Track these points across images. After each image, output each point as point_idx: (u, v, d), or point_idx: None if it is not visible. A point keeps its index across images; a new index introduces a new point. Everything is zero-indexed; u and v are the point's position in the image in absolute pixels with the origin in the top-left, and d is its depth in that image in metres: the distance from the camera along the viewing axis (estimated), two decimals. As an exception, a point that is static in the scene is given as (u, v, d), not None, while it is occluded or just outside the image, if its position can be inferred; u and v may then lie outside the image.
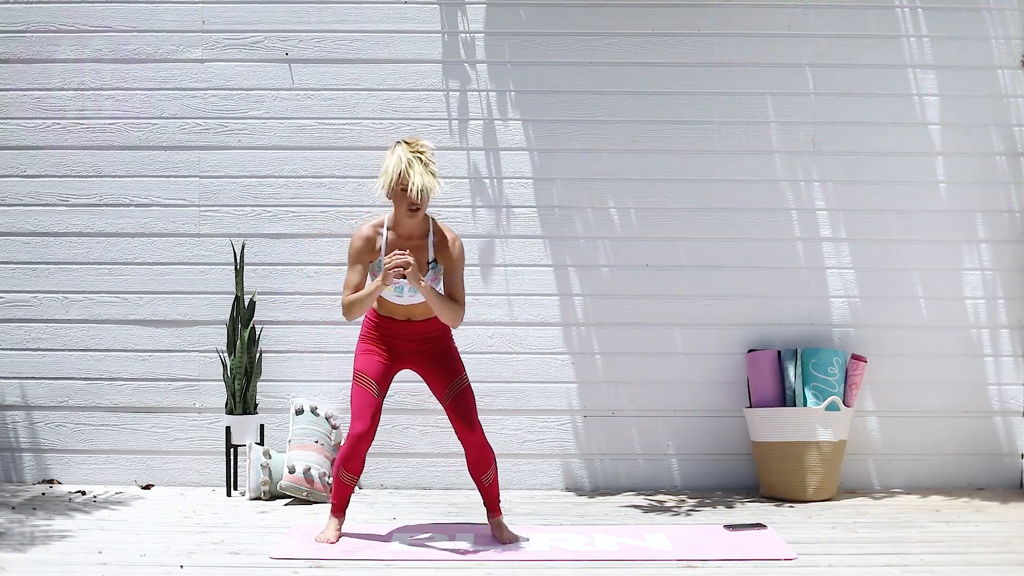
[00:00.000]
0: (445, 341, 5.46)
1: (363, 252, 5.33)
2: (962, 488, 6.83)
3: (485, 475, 5.42)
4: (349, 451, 5.33)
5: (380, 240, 5.33)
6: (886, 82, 6.93)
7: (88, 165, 6.93)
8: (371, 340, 5.42)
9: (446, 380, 5.39)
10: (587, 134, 6.91)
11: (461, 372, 5.43)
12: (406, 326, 5.38)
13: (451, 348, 5.47)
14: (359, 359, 5.39)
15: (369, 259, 5.34)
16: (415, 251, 5.29)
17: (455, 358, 5.45)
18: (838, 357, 6.58)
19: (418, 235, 5.34)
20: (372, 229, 5.35)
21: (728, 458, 6.87)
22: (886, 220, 6.91)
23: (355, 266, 5.32)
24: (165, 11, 6.94)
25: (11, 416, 6.90)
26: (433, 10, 6.94)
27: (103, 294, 6.91)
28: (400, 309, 5.34)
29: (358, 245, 5.33)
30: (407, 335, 5.39)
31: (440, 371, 5.41)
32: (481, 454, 5.39)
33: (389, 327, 5.39)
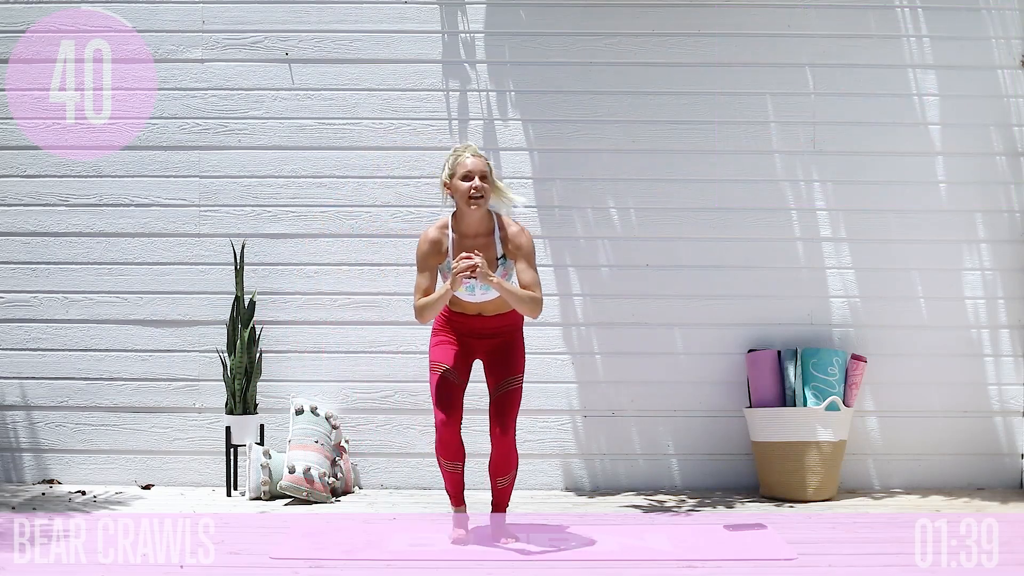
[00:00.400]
0: (514, 336, 5.42)
1: (430, 256, 5.31)
2: (962, 488, 6.83)
3: (503, 478, 5.41)
4: (440, 441, 5.31)
5: (446, 241, 5.30)
6: (886, 82, 6.92)
7: (88, 165, 6.93)
8: (443, 333, 5.39)
9: (501, 375, 5.36)
10: (587, 134, 6.90)
11: (517, 372, 5.37)
12: (477, 321, 5.35)
13: (518, 345, 5.42)
14: (434, 350, 5.37)
15: (436, 262, 5.31)
16: (482, 248, 5.26)
17: (518, 357, 5.40)
18: (838, 357, 6.58)
19: (484, 232, 5.29)
20: (437, 231, 5.33)
21: (728, 458, 6.87)
22: (886, 220, 6.91)
23: (424, 270, 5.30)
24: (165, 11, 6.94)
25: (11, 416, 6.90)
26: (433, 10, 6.94)
27: (103, 294, 6.91)
28: (472, 305, 5.32)
29: (424, 249, 5.31)
30: (478, 330, 5.36)
31: (499, 365, 5.37)
32: (506, 457, 5.36)
33: (461, 322, 5.36)
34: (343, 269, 6.90)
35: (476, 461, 6.89)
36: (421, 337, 6.85)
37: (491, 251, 5.29)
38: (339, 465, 6.61)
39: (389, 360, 6.88)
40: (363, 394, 6.88)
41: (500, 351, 5.39)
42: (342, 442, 6.71)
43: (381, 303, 6.88)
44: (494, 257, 5.29)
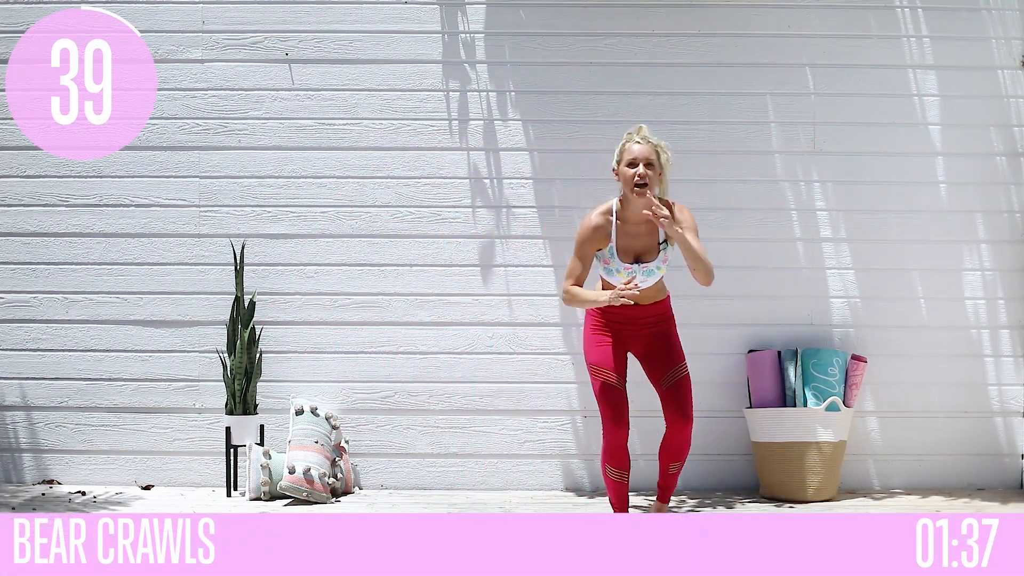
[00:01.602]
0: (668, 326, 5.43)
1: (590, 242, 5.30)
2: (962, 488, 6.83)
3: (675, 464, 5.50)
4: (609, 449, 5.34)
5: (610, 227, 5.29)
6: (886, 82, 6.93)
7: (88, 165, 6.93)
8: (598, 329, 5.39)
9: (665, 367, 5.37)
10: (587, 134, 6.90)
11: (681, 360, 5.40)
12: (633, 311, 5.35)
13: (673, 334, 5.44)
14: (592, 352, 5.37)
15: (596, 248, 5.30)
16: (645, 235, 5.27)
17: (676, 346, 5.42)
18: (838, 357, 6.58)
19: (647, 218, 5.28)
20: (601, 217, 5.32)
21: (728, 458, 6.87)
22: (886, 220, 6.91)
23: (580, 256, 5.29)
24: (165, 11, 6.94)
25: (11, 416, 6.90)
26: (433, 10, 6.94)
27: (103, 294, 6.91)
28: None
29: (586, 235, 5.30)
30: (633, 319, 5.36)
31: (660, 357, 5.39)
32: (683, 445, 5.44)
33: (615, 312, 5.35)
34: (343, 269, 6.90)
35: (486, 461, 6.89)
36: (421, 337, 6.86)
37: (654, 237, 5.29)
38: (339, 465, 6.61)
39: (389, 360, 6.88)
40: (363, 394, 6.88)
41: (657, 344, 5.40)
42: (342, 442, 6.71)
43: (381, 303, 6.88)
44: (656, 243, 5.28)
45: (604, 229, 5.28)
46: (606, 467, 5.40)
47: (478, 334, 6.87)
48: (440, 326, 6.88)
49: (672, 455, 5.47)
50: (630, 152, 5.28)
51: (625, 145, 5.33)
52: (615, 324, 5.38)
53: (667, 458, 5.49)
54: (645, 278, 5.27)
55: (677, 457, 5.48)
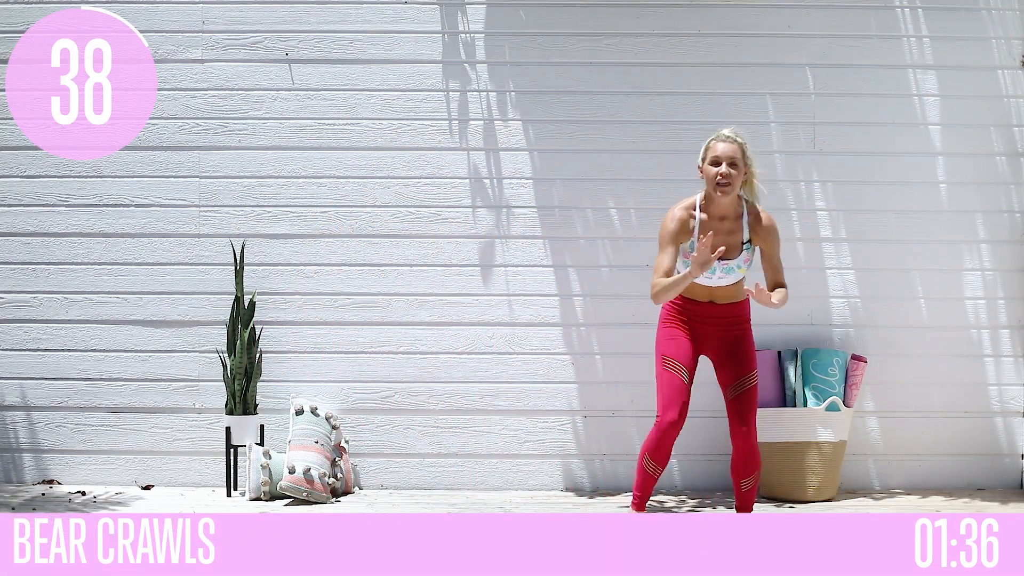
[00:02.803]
0: (744, 330, 5.42)
1: (677, 234, 5.30)
2: (962, 488, 6.83)
3: (746, 480, 5.40)
4: (657, 440, 5.28)
5: (693, 222, 5.30)
6: (886, 82, 6.92)
7: (88, 165, 6.93)
8: (674, 323, 5.37)
9: (736, 374, 5.35)
10: (587, 134, 6.90)
11: (752, 369, 5.36)
12: (708, 308, 5.34)
13: (748, 340, 5.41)
14: (664, 343, 5.35)
15: (681, 240, 5.30)
16: (728, 233, 5.28)
17: (750, 353, 5.39)
18: (838, 357, 6.58)
19: (732, 215, 5.30)
20: (685, 211, 5.32)
21: (728, 458, 6.84)
22: (886, 220, 6.91)
23: (667, 248, 5.29)
24: (165, 11, 6.94)
25: (11, 416, 6.90)
26: (433, 10, 6.94)
27: (103, 294, 6.91)
28: (703, 291, 5.32)
29: (672, 227, 5.29)
30: (709, 317, 5.35)
31: (733, 362, 5.37)
32: (749, 458, 5.36)
33: (692, 309, 5.34)
34: (343, 269, 6.90)
35: (486, 461, 6.89)
36: (421, 337, 6.86)
37: (737, 236, 5.30)
38: (339, 465, 6.61)
39: (389, 360, 6.88)
40: (363, 394, 6.88)
41: (732, 347, 5.38)
42: (342, 442, 6.71)
43: (381, 303, 6.88)
44: (739, 242, 5.29)
45: (687, 223, 5.30)
46: (645, 457, 5.33)
47: (478, 334, 6.87)
48: (440, 326, 6.88)
49: (739, 471, 5.38)
50: (714, 150, 5.29)
51: (711, 143, 5.33)
52: (692, 321, 5.37)
53: (736, 474, 5.40)
54: (725, 275, 5.28)
55: (746, 472, 5.38)
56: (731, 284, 5.33)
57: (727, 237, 5.30)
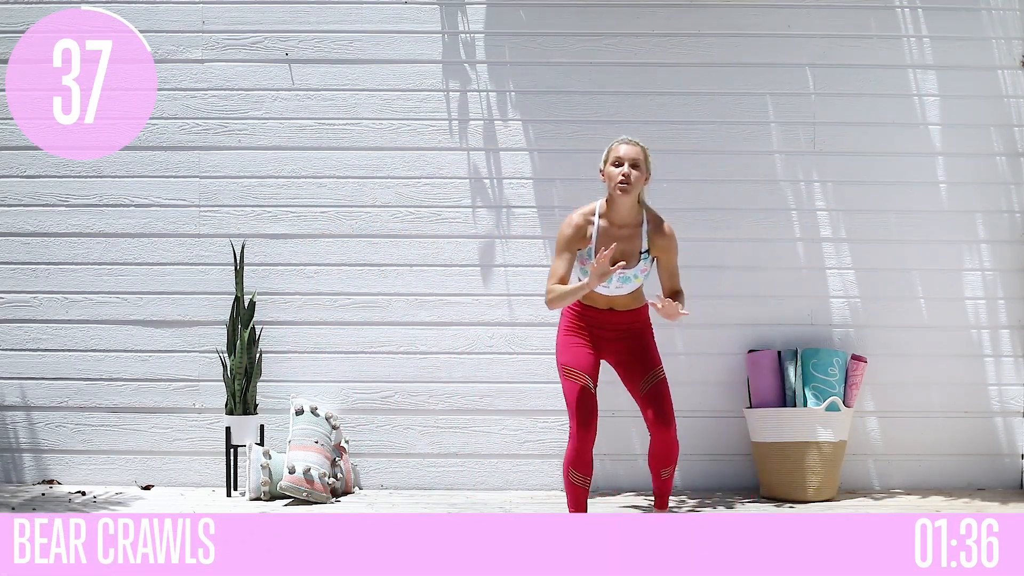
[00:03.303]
0: (644, 333, 5.41)
1: (573, 240, 5.29)
2: (962, 489, 6.83)
3: (667, 469, 5.44)
4: (576, 452, 5.29)
5: (591, 228, 5.29)
6: (886, 82, 6.93)
7: (88, 165, 6.93)
8: (574, 331, 5.36)
9: (642, 372, 5.35)
10: (587, 134, 6.90)
11: (657, 364, 5.38)
12: (608, 315, 5.34)
13: (649, 340, 5.42)
14: (565, 352, 5.34)
15: (579, 247, 5.29)
16: (627, 240, 5.27)
17: (653, 351, 5.40)
18: (838, 357, 6.58)
19: (631, 223, 5.29)
20: (583, 217, 5.31)
21: (728, 458, 6.87)
22: (886, 221, 6.91)
23: (563, 255, 5.28)
24: (165, 11, 6.94)
25: (11, 416, 6.90)
26: (433, 10, 6.94)
27: (103, 294, 6.91)
28: (603, 299, 5.31)
29: (568, 233, 5.29)
30: (608, 324, 5.34)
31: (638, 363, 5.37)
32: (668, 449, 5.40)
33: (591, 316, 5.34)
34: (343, 269, 6.90)
35: (486, 461, 6.90)
36: (421, 337, 6.87)
37: (636, 243, 5.28)
38: (339, 465, 6.61)
39: (389, 360, 6.88)
40: (363, 394, 6.88)
41: (634, 350, 5.38)
42: (342, 442, 6.71)
43: (381, 303, 6.88)
44: (638, 250, 5.28)
45: (584, 229, 5.29)
46: (569, 471, 5.33)
47: (478, 334, 6.87)
48: (440, 326, 6.88)
49: (661, 461, 5.44)
50: (616, 151, 5.30)
51: (612, 145, 5.35)
52: (591, 327, 5.35)
53: (657, 465, 5.46)
54: (622, 284, 5.26)
55: (667, 463, 5.45)
56: (629, 292, 5.30)
57: (626, 244, 5.27)
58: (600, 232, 5.25)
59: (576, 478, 5.33)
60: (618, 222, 5.28)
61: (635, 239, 5.27)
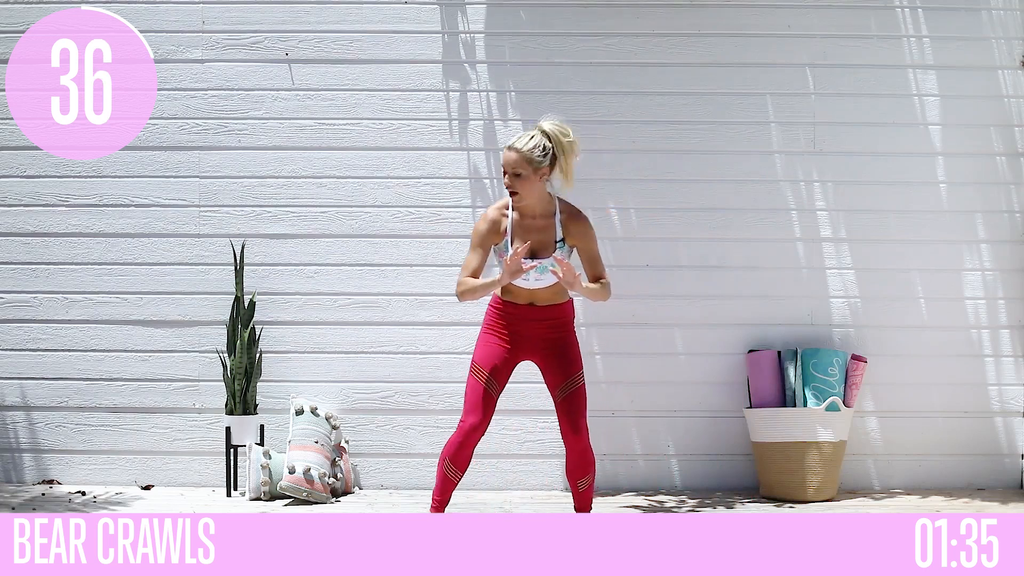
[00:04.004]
0: (567, 331, 5.38)
1: (488, 235, 5.26)
2: (962, 489, 6.83)
3: (582, 480, 5.34)
4: (459, 444, 5.22)
5: (505, 222, 5.28)
6: (886, 82, 6.93)
7: (88, 165, 6.93)
8: (493, 329, 5.32)
9: (562, 376, 5.31)
10: (587, 134, 6.88)
11: (578, 370, 5.32)
12: (529, 311, 5.30)
13: (572, 341, 5.36)
14: (478, 349, 5.31)
15: (493, 241, 5.28)
16: (542, 231, 5.24)
17: (575, 354, 5.34)
18: (838, 357, 6.58)
19: (544, 214, 5.26)
20: (497, 211, 5.29)
21: (728, 458, 6.87)
22: (886, 220, 6.91)
23: (476, 249, 5.25)
24: (165, 11, 6.94)
25: (11, 416, 6.90)
26: (433, 10, 6.94)
27: (103, 294, 6.91)
28: (523, 293, 5.28)
29: (483, 228, 5.27)
30: (529, 319, 5.30)
31: (558, 365, 5.32)
32: (582, 459, 5.31)
33: (513, 311, 5.30)
34: (343, 269, 6.90)
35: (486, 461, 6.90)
36: (421, 337, 6.86)
37: (550, 233, 5.26)
38: (339, 465, 6.61)
39: (389, 360, 6.88)
40: (363, 394, 6.88)
41: (556, 350, 5.33)
42: (342, 442, 6.71)
43: (381, 303, 6.88)
44: (552, 240, 5.26)
45: (500, 223, 5.27)
46: (445, 462, 5.26)
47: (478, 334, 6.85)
48: (440, 326, 6.88)
49: (576, 472, 5.32)
50: (502, 159, 5.26)
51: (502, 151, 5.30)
52: (512, 324, 5.32)
53: (573, 477, 5.33)
54: (540, 276, 5.24)
55: (583, 473, 5.34)
56: (550, 286, 5.28)
57: (540, 235, 5.25)
58: (514, 225, 5.25)
59: (451, 471, 5.27)
60: (529, 214, 5.27)
61: (549, 230, 5.26)
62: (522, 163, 5.18)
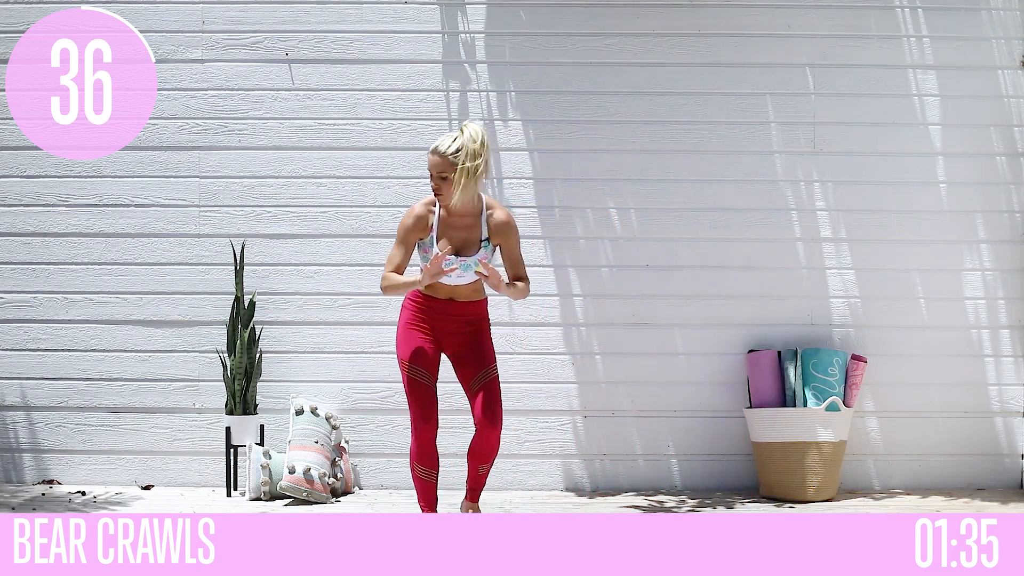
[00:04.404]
0: (483, 327, 5.41)
1: (413, 231, 5.29)
2: (962, 489, 6.83)
3: (486, 465, 5.42)
4: (420, 448, 5.28)
5: (432, 218, 5.29)
6: (886, 82, 6.93)
7: (88, 165, 6.93)
8: (414, 324, 5.35)
9: (476, 368, 5.34)
10: (587, 134, 6.90)
11: (492, 362, 5.37)
12: (448, 306, 5.33)
13: (487, 336, 5.41)
14: (405, 347, 5.32)
15: (419, 237, 5.30)
16: (468, 229, 5.27)
17: (488, 347, 5.39)
18: (838, 357, 6.58)
19: (470, 212, 5.29)
20: (424, 207, 5.31)
21: (728, 458, 6.87)
22: (886, 220, 6.91)
23: (401, 244, 5.29)
24: (165, 11, 6.94)
25: (11, 416, 6.90)
26: (433, 10, 6.94)
27: (103, 294, 6.91)
28: (444, 289, 5.30)
29: (409, 223, 5.29)
30: (449, 315, 5.33)
31: (472, 359, 5.36)
32: (490, 447, 5.37)
33: (432, 306, 5.33)
34: (343, 269, 6.90)
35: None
36: (421, 337, 6.86)
37: (476, 232, 5.30)
38: (339, 465, 6.61)
39: (389, 360, 6.87)
40: (363, 394, 6.88)
41: (471, 344, 5.37)
42: (342, 442, 6.71)
43: (381, 303, 6.88)
44: (478, 239, 5.30)
45: (426, 219, 5.29)
46: (415, 466, 5.33)
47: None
48: (440, 326, 6.87)
49: (481, 457, 5.39)
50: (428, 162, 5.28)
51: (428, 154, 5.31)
52: (432, 319, 5.33)
53: (476, 461, 5.40)
54: (464, 273, 5.26)
55: (486, 460, 5.41)
56: (471, 283, 5.30)
57: (466, 233, 5.28)
58: (440, 222, 5.27)
59: (422, 472, 5.32)
60: (457, 212, 5.28)
61: (475, 228, 5.30)
62: (446, 166, 5.21)
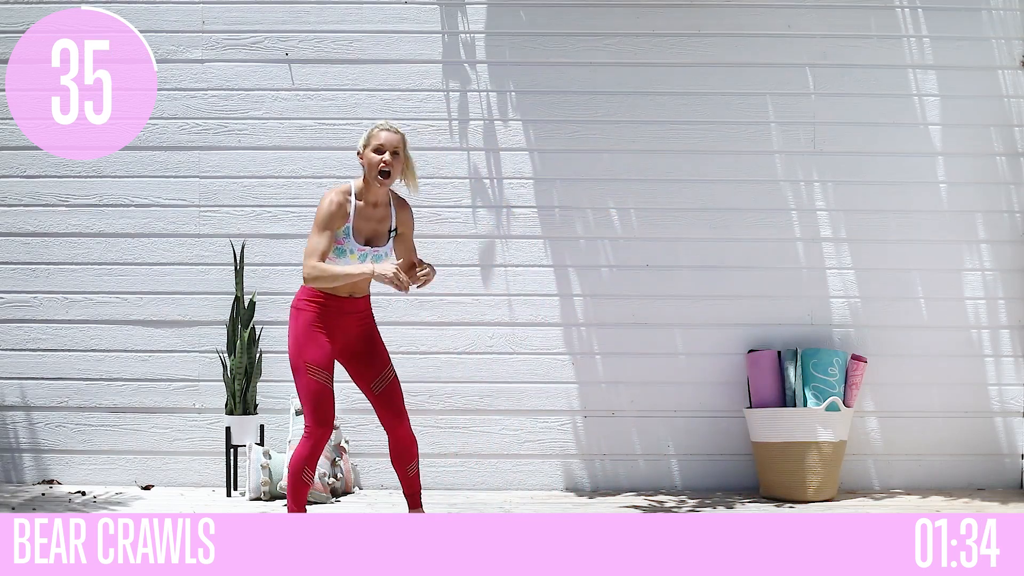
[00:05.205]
0: (373, 324, 5.38)
1: (336, 218, 5.22)
2: (962, 488, 6.83)
3: (411, 465, 5.36)
4: (311, 450, 5.19)
5: (348, 207, 5.27)
6: (886, 82, 6.93)
7: (88, 165, 6.93)
8: (314, 323, 5.26)
9: (376, 370, 5.29)
10: (587, 135, 6.91)
11: (389, 362, 5.34)
12: (347, 303, 5.26)
13: (377, 333, 5.37)
14: (307, 348, 5.19)
15: (338, 225, 5.25)
16: (381, 220, 5.28)
17: (382, 346, 5.35)
18: (838, 357, 6.58)
19: (383, 203, 5.31)
20: (341, 195, 5.24)
21: (728, 458, 6.87)
22: (886, 220, 6.91)
23: (325, 232, 5.18)
24: (165, 11, 6.94)
25: (11, 416, 6.90)
26: (433, 10, 6.94)
27: (103, 294, 6.91)
28: (345, 286, 5.25)
29: (332, 210, 5.18)
30: (346, 312, 5.27)
31: (370, 359, 5.30)
32: (408, 445, 5.33)
33: (334, 304, 5.25)
34: (343, 269, 6.89)
35: (486, 461, 6.90)
36: (421, 337, 6.86)
37: (386, 224, 5.31)
38: (339, 465, 6.61)
39: (389, 360, 6.87)
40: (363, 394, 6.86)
41: (366, 343, 5.28)
42: (342, 442, 6.71)
43: (381, 303, 6.87)
44: (388, 229, 5.30)
45: (344, 208, 5.26)
46: (304, 471, 5.21)
47: (478, 334, 6.87)
48: (440, 326, 6.88)
49: (403, 458, 5.32)
50: (377, 138, 5.24)
51: (373, 131, 5.28)
52: (331, 319, 5.26)
53: (401, 463, 5.34)
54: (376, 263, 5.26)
55: (410, 458, 5.35)
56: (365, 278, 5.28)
57: (379, 225, 5.28)
58: (356, 212, 5.25)
59: (307, 475, 5.24)
60: (372, 202, 5.27)
61: (386, 220, 5.30)
62: (401, 145, 5.24)
